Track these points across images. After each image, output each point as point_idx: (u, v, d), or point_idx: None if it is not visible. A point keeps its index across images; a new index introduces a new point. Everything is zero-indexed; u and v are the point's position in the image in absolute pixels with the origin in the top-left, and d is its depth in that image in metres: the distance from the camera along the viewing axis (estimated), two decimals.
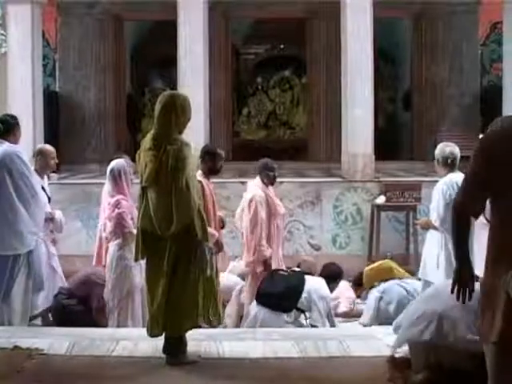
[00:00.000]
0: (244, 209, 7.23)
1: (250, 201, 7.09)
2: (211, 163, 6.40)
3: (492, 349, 2.93)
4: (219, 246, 6.22)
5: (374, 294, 7.18)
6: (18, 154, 5.76)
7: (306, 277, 7.04)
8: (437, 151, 6.48)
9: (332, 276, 7.82)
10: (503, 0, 11.71)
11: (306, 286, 6.85)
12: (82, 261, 8.60)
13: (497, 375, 2.94)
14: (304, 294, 6.80)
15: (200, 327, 4.94)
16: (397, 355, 4.49)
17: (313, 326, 6.77)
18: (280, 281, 6.89)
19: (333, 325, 7.00)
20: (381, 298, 7.09)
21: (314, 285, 6.96)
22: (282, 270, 7.21)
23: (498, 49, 13.71)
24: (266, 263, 7.11)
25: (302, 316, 6.81)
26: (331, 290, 7.52)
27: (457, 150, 6.43)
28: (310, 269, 7.63)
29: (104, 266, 6.75)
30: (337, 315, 7.68)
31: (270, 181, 7.28)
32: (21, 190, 5.80)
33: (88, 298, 6.53)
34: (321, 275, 7.68)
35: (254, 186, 7.28)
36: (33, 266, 5.96)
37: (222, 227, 6.66)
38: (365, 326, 7.02)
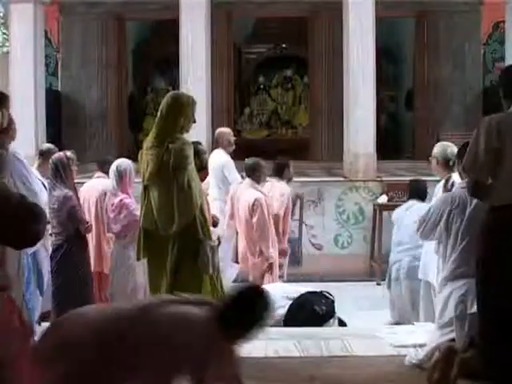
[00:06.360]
0: (240, 211, 7.10)
1: (253, 204, 6.96)
2: (199, 161, 6.10)
3: None
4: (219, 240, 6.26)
5: None
6: (16, 155, 5.65)
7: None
8: (436, 151, 6.24)
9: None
10: None
11: None
12: None
13: None
14: None
15: None
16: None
17: None
18: None
19: None
20: None
21: None
22: None
23: (500, 48, 13.66)
24: (271, 265, 7.12)
25: None
26: None
27: (456, 151, 6.30)
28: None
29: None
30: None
31: (257, 180, 7.13)
32: (21, 191, 5.75)
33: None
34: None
35: (249, 188, 7.13)
36: (36, 267, 5.95)
37: (215, 225, 6.61)
38: None
